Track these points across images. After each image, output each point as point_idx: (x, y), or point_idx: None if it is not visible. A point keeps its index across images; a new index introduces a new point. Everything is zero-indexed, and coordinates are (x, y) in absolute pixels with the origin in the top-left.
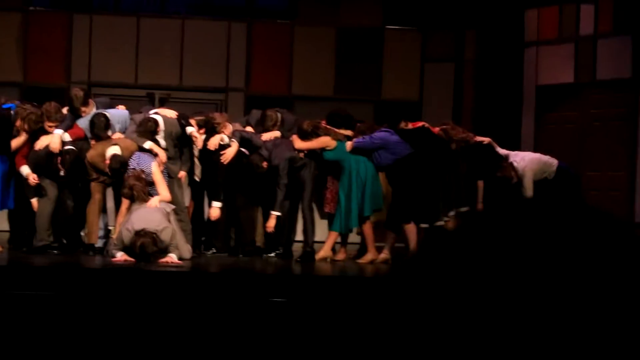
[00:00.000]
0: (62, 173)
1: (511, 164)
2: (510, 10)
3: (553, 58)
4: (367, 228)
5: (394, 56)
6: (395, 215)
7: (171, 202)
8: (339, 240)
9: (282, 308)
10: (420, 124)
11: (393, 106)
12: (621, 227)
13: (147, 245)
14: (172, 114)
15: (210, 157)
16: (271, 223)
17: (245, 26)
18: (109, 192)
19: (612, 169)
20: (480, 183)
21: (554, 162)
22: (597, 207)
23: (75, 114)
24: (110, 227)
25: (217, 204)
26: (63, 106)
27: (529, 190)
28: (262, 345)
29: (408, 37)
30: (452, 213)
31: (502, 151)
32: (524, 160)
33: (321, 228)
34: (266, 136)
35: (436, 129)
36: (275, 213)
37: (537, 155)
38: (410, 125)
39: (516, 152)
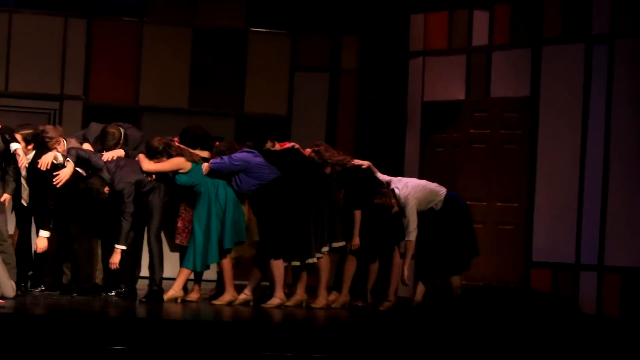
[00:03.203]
0: None
1: (392, 190)
2: (394, 15)
3: (442, 71)
4: (226, 264)
5: (260, 63)
6: (263, 250)
7: None
8: (191, 277)
9: (125, 357)
10: (289, 144)
11: (258, 122)
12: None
13: None
14: None
15: (40, 178)
16: (116, 259)
17: (85, 22)
18: None
19: (506, 200)
20: (358, 213)
21: (442, 190)
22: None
23: None
24: None
25: (44, 234)
26: None
27: (412, 222)
28: None
29: (276, 42)
30: (326, 248)
31: (383, 177)
32: (407, 187)
33: (171, 263)
34: (108, 156)
35: (308, 151)
36: (120, 247)
37: (423, 182)
38: (277, 146)
39: (399, 178)
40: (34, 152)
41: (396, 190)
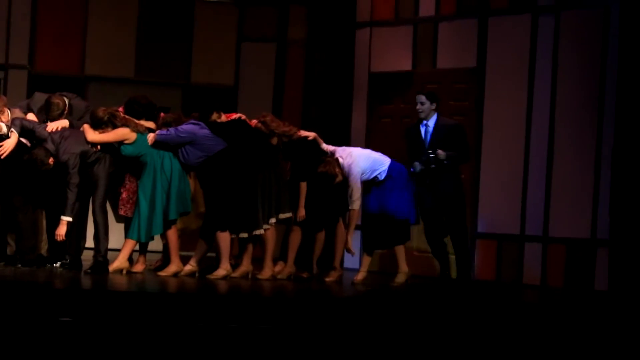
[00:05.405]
0: None
1: (337, 159)
2: None
3: (389, 42)
4: (172, 235)
5: (207, 33)
6: (209, 222)
7: None
8: (137, 248)
9: (69, 329)
10: (235, 115)
11: (204, 92)
12: None
13: None
14: None
15: None
16: (62, 230)
17: None
18: None
19: None
20: (303, 185)
21: (386, 160)
22: None
23: None
24: None
25: None
26: None
27: (355, 190)
28: None
29: (223, 12)
30: (273, 220)
31: (328, 147)
32: (350, 156)
33: (116, 234)
34: (52, 126)
35: (254, 121)
36: (66, 218)
37: (367, 152)
38: (224, 117)
39: (343, 148)
40: None
41: (340, 160)
